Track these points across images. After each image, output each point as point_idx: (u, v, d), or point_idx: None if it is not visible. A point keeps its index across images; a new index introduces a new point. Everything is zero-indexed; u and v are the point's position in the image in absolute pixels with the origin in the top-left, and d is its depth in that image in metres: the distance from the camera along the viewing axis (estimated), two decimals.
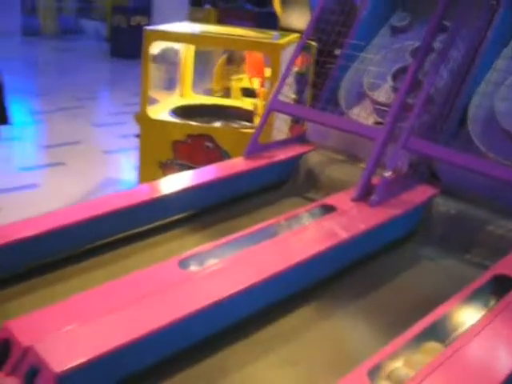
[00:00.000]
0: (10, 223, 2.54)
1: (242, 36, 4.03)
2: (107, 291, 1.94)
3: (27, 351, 1.64)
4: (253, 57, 4.26)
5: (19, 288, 2.17)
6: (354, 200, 2.38)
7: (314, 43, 3.52)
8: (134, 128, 6.16)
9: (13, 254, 2.24)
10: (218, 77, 5.12)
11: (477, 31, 2.60)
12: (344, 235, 2.15)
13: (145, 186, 3.08)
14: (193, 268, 2.03)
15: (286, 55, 3.60)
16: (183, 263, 2.04)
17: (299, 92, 3.92)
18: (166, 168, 3.92)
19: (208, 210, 2.67)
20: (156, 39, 4.04)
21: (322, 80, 3.10)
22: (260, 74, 4.13)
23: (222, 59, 5.19)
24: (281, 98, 2.85)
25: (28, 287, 2.18)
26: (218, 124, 4.29)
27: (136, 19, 11.31)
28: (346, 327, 1.95)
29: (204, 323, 1.83)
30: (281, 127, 3.39)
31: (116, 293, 1.92)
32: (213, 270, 1.96)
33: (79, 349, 1.67)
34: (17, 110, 6.22)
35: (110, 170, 5.45)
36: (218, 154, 3.82)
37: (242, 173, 2.71)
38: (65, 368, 1.58)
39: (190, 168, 3.29)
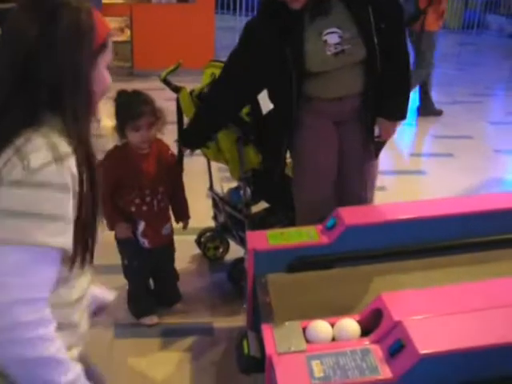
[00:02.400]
0: (398, 202, 2.66)
1: None
2: (486, 288, 1.90)
3: (396, 325, 1.70)
4: None
5: (397, 265, 2.26)
6: None
7: None
8: None
9: (395, 232, 2.33)
10: None
11: None
12: None
13: None
14: None
15: None
16: None
17: None
18: None
19: None
20: None
21: None
22: None
23: None
24: None
25: (405, 267, 2.25)
26: None
27: None
28: None
29: None
30: None
31: (495, 292, 1.86)
32: None
33: (446, 336, 1.66)
34: (415, 99, 6.42)
35: (498, 170, 5.25)
36: None
37: None
38: (429, 351, 1.59)
39: None
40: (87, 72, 1.22)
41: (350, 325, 1.81)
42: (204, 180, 3.40)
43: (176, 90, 2.99)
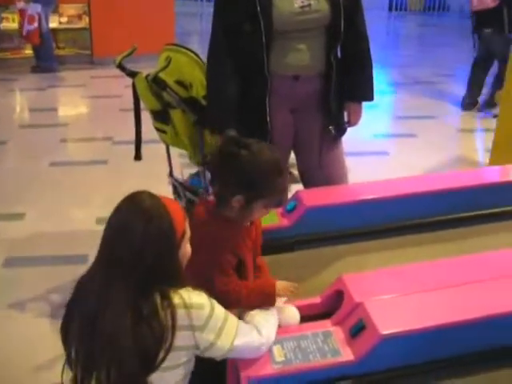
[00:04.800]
0: (358, 183, 2.64)
1: None
2: (445, 266, 1.89)
3: (357, 306, 1.68)
4: None
5: (358, 246, 2.24)
6: None
7: None
8: (493, 109, 5.92)
9: (355, 213, 2.31)
10: None
11: None
12: None
13: (496, 168, 2.90)
14: None
15: None
16: None
17: None
18: None
19: None
20: None
21: None
22: None
23: None
24: None
25: (367, 247, 2.23)
26: None
27: None
28: None
29: None
30: None
31: (453, 270, 1.86)
32: None
33: (407, 316, 1.66)
34: (377, 81, 6.40)
35: (461, 149, 5.29)
36: None
37: None
38: (390, 331, 1.58)
39: None
40: (174, 255, 1.56)
41: (288, 311, 1.79)
42: (165, 166, 3.35)
43: (131, 74, 2.92)
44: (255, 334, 1.61)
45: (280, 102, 2.53)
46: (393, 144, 5.41)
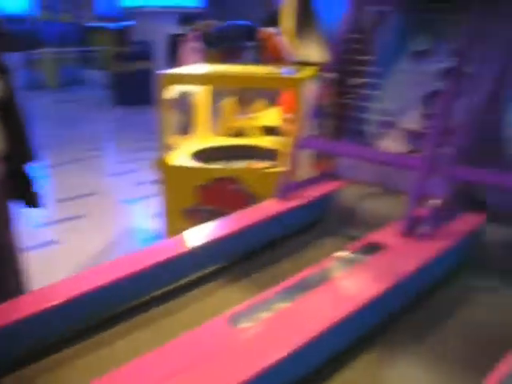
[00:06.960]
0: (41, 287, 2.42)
1: (257, 73, 3.95)
2: (160, 356, 1.80)
3: None
4: (287, 94, 4.17)
5: (56, 358, 2.04)
6: (403, 234, 2.25)
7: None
8: (148, 174, 6.14)
9: (46, 321, 2.11)
10: (228, 116, 5.03)
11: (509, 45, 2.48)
12: (400, 274, 2.01)
13: (171, 240, 2.93)
14: (245, 324, 1.89)
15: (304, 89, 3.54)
16: (233, 320, 1.90)
17: (320, 125, 3.82)
18: (192, 214, 3.81)
19: (246, 258, 2.54)
20: (170, 83, 3.95)
21: (342, 111, 3.01)
22: (292, 110, 4.00)
23: (231, 99, 5.10)
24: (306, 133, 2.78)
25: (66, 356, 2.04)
26: (241, 165, 4.18)
27: (136, 65, 11.33)
28: (407, 377, 1.79)
29: None
30: (304, 163, 3.28)
31: (168, 359, 1.78)
32: (265, 325, 1.82)
33: None
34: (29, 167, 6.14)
35: (130, 220, 5.35)
36: (243, 196, 3.70)
37: (277, 215, 2.59)
38: None
39: (216, 213, 3.16)
40: None
41: None
42: None
43: None
44: None
45: None
46: (60, 231, 5.21)
